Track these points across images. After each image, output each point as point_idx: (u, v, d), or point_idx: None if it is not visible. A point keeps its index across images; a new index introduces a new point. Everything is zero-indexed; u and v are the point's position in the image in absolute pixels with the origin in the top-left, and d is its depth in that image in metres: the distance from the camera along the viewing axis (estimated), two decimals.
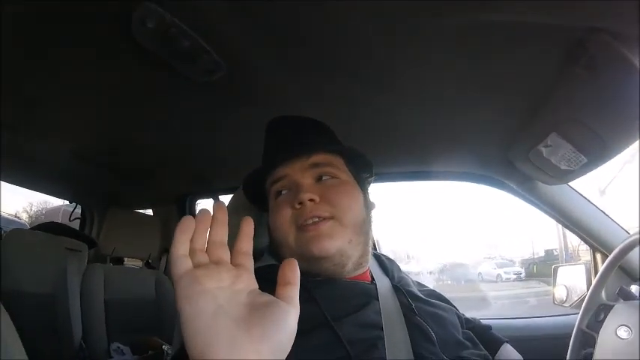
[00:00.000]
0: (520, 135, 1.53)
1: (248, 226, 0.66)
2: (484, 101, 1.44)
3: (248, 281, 0.61)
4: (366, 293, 1.05)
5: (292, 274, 0.64)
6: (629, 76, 1.02)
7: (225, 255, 0.62)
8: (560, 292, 1.95)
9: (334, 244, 1.01)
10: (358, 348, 0.89)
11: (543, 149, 1.44)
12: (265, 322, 0.55)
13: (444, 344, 1.01)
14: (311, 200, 1.02)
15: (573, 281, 1.90)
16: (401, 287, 1.13)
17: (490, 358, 1.13)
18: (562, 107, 1.28)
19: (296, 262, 0.65)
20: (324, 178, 1.10)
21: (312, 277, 1.02)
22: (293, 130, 1.20)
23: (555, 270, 2.06)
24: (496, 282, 13.50)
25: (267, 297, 0.59)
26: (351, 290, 1.04)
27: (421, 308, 1.09)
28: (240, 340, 0.52)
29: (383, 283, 1.13)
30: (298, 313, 0.60)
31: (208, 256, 0.60)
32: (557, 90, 1.23)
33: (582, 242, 1.98)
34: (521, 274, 13.88)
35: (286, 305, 0.59)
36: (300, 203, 1.02)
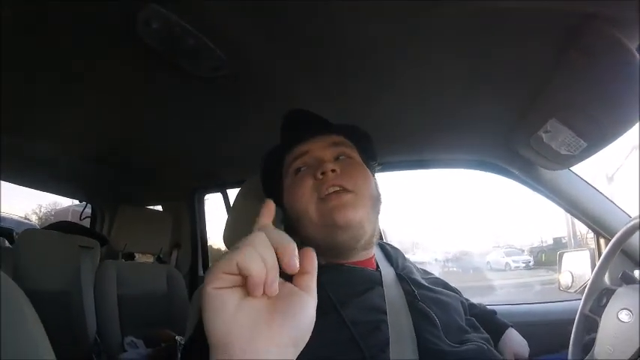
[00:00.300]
0: (521, 122, 1.55)
1: (270, 212, 0.67)
2: (485, 90, 1.47)
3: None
4: (371, 279, 1.09)
5: (310, 263, 0.62)
6: (625, 62, 1.04)
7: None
8: (565, 279, 1.96)
9: (357, 213, 1.04)
10: (362, 329, 0.92)
11: (543, 135, 1.46)
12: (286, 312, 0.55)
13: (447, 328, 1.04)
14: (333, 171, 1.06)
15: (578, 267, 1.91)
16: (404, 275, 1.17)
17: (491, 341, 1.16)
18: (560, 93, 1.31)
19: (313, 252, 0.63)
20: (341, 157, 1.14)
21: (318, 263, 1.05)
22: (311, 115, 1.25)
23: (560, 256, 2.08)
24: (505, 270, 13.43)
25: (288, 286, 0.59)
26: (356, 276, 1.08)
27: (424, 295, 1.12)
28: (262, 331, 0.53)
29: (387, 271, 1.16)
30: (316, 302, 0.60)
31: None
32: (555, 76, 1.26)
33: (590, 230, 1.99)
34: (529, 262, 13.77)
35: (305, 295, 0.59)
36: (323, 173, 1.05)
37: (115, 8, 1.14)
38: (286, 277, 0.59)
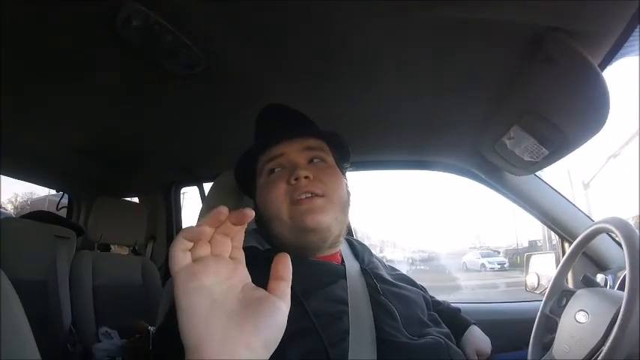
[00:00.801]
0: (486, 127, 1.61)
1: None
2: (451, 95, 1.53)
3: (242, 275, 0.64)
4: (335, 272, 1.14)
5: (284, 269, 0.65)
6: (585, 73, 1.09)
7: (227, 250, 0.63)
8: (532, 280, 2.02)
9: (326, 217, 1.09)
10: (324, 320, 0.97)
11: (507, 141, 1.51)
12: (258, 317, 0.57)
13: (408, 322, 1.09)
14: (306, 177, 1.09)
15: (544, 269, 1.97)
16: (369, 270, 1.22)
17: (452, 337, 1.21)
18: (523, 101, 1.36)
19: (288, 258, 0.66)
20: (315, 160, 1.18)
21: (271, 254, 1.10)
22: (287, 115, 1.28)
23: (528, 258, 2.14)
24: (480, 271, 13.59)
25: (260, 292, 0.61)
26: (320, 269, 1.12)
27: (387, 289, 1.17)
28: (233, 335, 0.54)
29: (352, 265, 1.21)
30: (289, 308, 0.62)
31: (211, 248, 0.61)
32: (518, 84, 1.31)
33: None
34: (505, 264, 13.95)
35: (278, 300, 0.60)
36: (297, 179, 1.09)
37: (95, 5, 1.16)
38: (261, 284, 0.63)
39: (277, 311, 0.59)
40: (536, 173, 1.87)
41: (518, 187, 1.99)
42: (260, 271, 0.74)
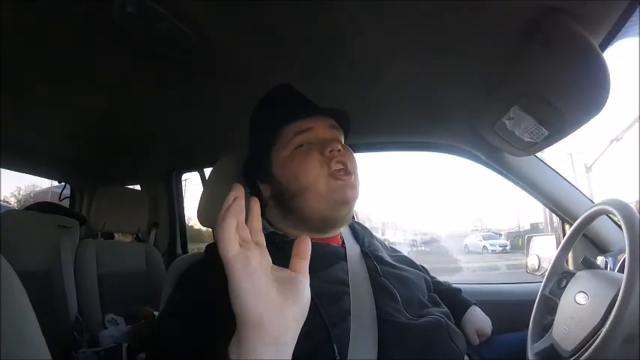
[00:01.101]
0: (486, 108, 1.61)
1: (257, 206, 0.72)
2: (451, 76, 1.53)
3: (268, 257, 0.68)
4: (336, 254, 1.17)
5: (305, 249, 0.73)
6: (585, 54, 1.09)
7: (261, 238, 0.69)
8: (532, 261, 2.03)
9: (355, 193, 1.14)
10: (325, 300, 0.99)
11: (507, 122, 1.50)
12: (293, 293, 0.66)
13: (408, 303, 1.12)
14: (338, 151, 1.12)
15: (545, 251, 1.97)
16: (369, 252, 1.24)
17: (451, 317, 1.23)
18: (522, 82, 1.36)
19: (309, 240, 0.73)
20: (338, 139, 1.19)
21: (286, 237, 1.13)
22: (299, 94, 1.28)
23: (529, 240, 2.14)
24: (482, 253, 13.62)
25: (285, 271, 0.69)
26: (322, 250, 1.13)
27: (387, 271, 1.20)
28: (285, 310, 0.63)
29: (352, 248, 1.23)
30: (309, 282, 0.70)
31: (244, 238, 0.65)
32: (517, 65, 1.31)
33: None
34: (507, 246, 13.95)
35: (302, 277, 0.69)
36: (332, 151, 1.12)
37: None
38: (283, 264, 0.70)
39: (305, 287, 0.69)
40: (536, 155, 1.87)
41: (519, 169, 1.98)
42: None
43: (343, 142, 1.24)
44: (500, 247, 13.72)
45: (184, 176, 3.42)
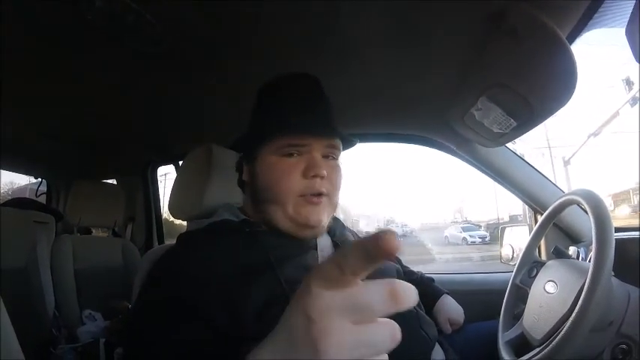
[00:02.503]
0: (455, 99, 1.63)
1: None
2: (420, 68, 1.54)
3: None
4: (307, 245, 1.18)
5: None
6: (551, 44, 1.10)
7: None
8: (506, 251, 2.06)
9: (325, 216, 1.15)
10: (296, 287, 0.99)
11: (475, 112, 1.52)
12: None
13: None
14: (321, 177, 1.11)
15: (518, 241, 2.00)
16: (340, 243, 1.26)
17: (422, 305, 1.26)
18: (490, 72, 1.37)
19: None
20: (330, 158, 1.18)
21: (260, 228, 1.14)
22: (317, 98, 1.23)
23: (502, 230, 2.17)
24: (461, 245, 13.76)
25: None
26: (294, 240, 1.15)
27: None
28: None
29: (323, 238, 1.24)
30: None
31: None
32: (485, 56, 1.32)
33: None
34: (486, 237, 14.11)
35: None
36: (314, 176, 1.10)
37: None
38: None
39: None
40: (507, 146, 1.90)
41: (490, 159, 2.00)
42: (236, 243, 0.90)
43: (339, 153, 1.23)
44: (479, 238, 13.86)
45: (164, 171, 3.42)
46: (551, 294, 1.28)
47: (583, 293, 1.08)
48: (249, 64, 1.54)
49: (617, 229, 1.68)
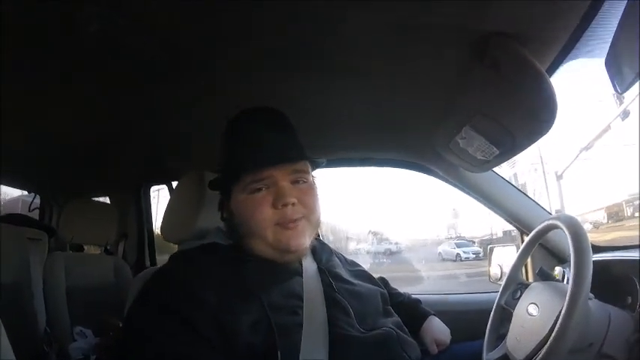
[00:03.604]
0: (441, 126, 1.66)
1: None
2: (406, 95, 1.59)
3: None
4: (292, 271, 1.21)
5: None
6: (530, 77, 1.13)
7: None
8: (495, 271, 2.09)
9: (306, 240, 1.18)
10: (279, 314, 1.03)
11: (460, 141, 1.56)
12: None
13: (362, 317, 1.17)
14: (292, 204, 1.14)
15: (506, 260, 2.00)
16: (326, 269, 1.29)
17: (404, 327, 1.29)
18: (472, 102, 1.41)
19: None
20: (300, 182, 1.21)
21: (244, 257, 1.16)
22: (275, 130, 1.24)
23: (491, 250, 2.21)
24: (455, 261, 13.70)
25: None
26: (279, 267, 1.18)
27: (342, 287, 1.25)
28: None
29: (309, 265, 1.27)
30: None
31: None
32: (469, 87, 1.36)
33: None
34: (479, 253, 14.00)
35: None
36: (284, 205, 1.13)
37: (53, 8, 1.17)
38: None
39: None
40: (493, 169, 1.92)
41: (476, 184, 2.05)
42: (225, 266, 0.98)
43: (309, 175, 1.25)
44: (473, 254, 13.74)
45: (158, 187, 3.42)
46: (533, 316, 1.29)
47: (560, 317, 1.10)
48: (237, 91, 1.57)
49: (601, 249, 1.72)
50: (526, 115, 1.27)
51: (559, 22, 1.08)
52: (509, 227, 2.17)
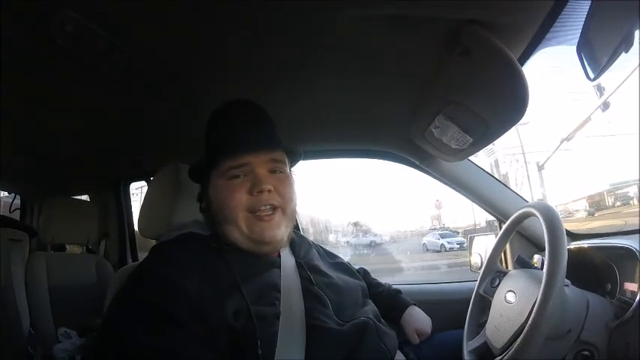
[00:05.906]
0: (416, 116, 1.68)
1: None
2: (381, 86, 1.60)
3: None
4: (271, 263, 1.22)
5: None
6: (502, 65, 1.14)
7: None
8: (475, 260, 2.12)
9: (281, 231, 1.20)
10: (258, 304, 1.06)
11: (434, 130, 1.58)
12: None
13: (339, 309, 1.20)
14: (268, 191, 1.17)
15: (486, 249, 2.02)
16: (304, 262, 1.30)
17: (380, 317, 1.32)
18: (445, 91, 1.43)
19: None
20: (277, 172, 1.23)
21: (225, 246, 1.18)
22: (254, 120, 1.27)
23: (471, 240, 2.23)
24: (440, 251, 13.78)
25: None
26: (258, 259, 1.20)
27: (320, 280, 1.27)
28: None
29: (287, 258, 1.29)
30: None
31: None
32: (442, 75, 1.37)
33: None
34: (463, 243, 14.14)
35: None
36: (260, 192, 1.16)
37: (28, 11, 1.17)
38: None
39: None
40: (470, 158, 1.95)
41: (452, 173, 2.08)
42: (204, 256, 1.01)
43: (286, 166, 1.28)
44: (457, 244, 13.84)
45: (138, 185, 3.43)
46: (510, 303, 1.31)
47: (536, 304, 1.12)
48: (213, 90, 1.58)
49: (580, 237, 1.74)
50: (498, 102, 1.29)
51: (530, 10, 1.09)
52: (492, 217, 2.19)
